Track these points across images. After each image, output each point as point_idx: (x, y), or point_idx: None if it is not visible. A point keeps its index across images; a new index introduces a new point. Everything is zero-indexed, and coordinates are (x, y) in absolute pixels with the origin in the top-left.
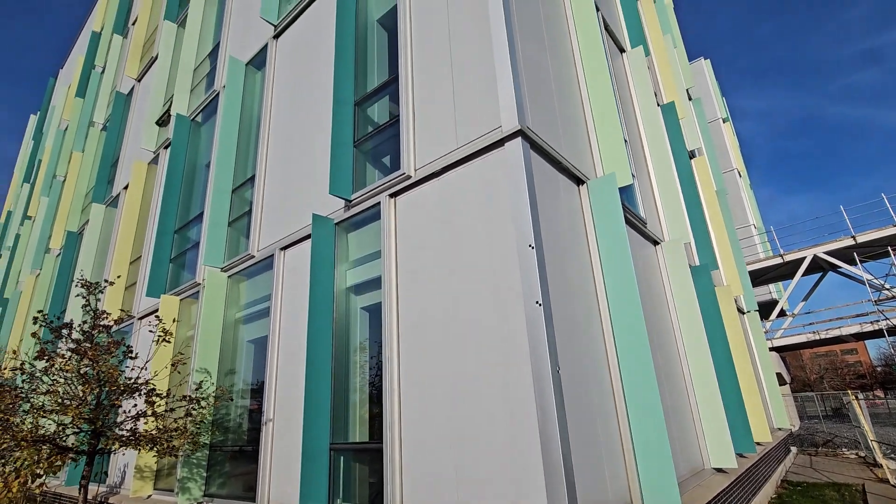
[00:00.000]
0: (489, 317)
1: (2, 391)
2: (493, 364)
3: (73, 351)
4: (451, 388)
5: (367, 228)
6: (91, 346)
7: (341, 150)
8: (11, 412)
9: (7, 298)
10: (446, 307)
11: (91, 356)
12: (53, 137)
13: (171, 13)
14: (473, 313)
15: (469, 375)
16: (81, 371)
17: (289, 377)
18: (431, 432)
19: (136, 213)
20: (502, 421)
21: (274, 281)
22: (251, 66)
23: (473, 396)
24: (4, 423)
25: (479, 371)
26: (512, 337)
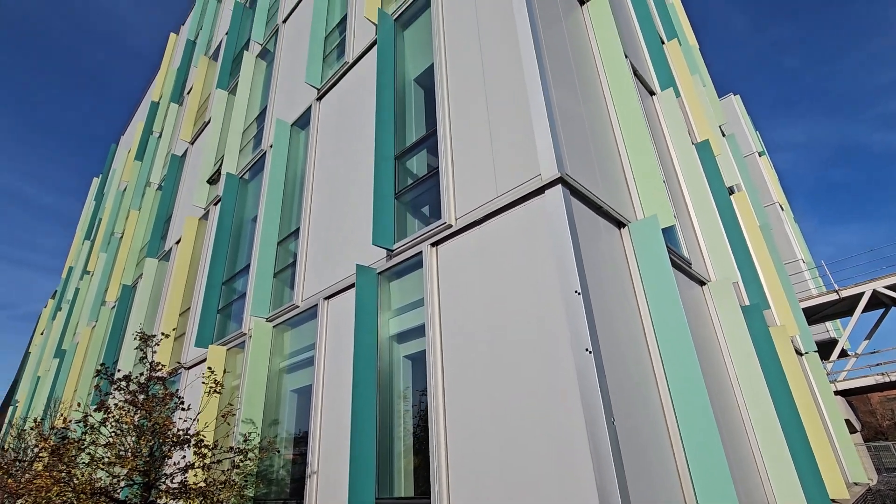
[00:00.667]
0: (537, 365)
1: (67, 444)
2: (543, 415)
3: (130, 403)
4: (500, 440)
5: (410, 277)
6: (146, 397)
7: (383, 202)
8: (73, 465)
9: (65, 350)
10: (491, 356)
11: (146, 408)
12: (113, 197)
13: (223, 82)
14: (520, 362)
15: (518, 427)
16: (137, 423)
17: (333, 428)
18: (481, 487)
19: (186, 266)
20: (556, 475)
21: (318, 330)
22: (296, 127)
23: (523, 449)
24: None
25: (529, 422)
26: (561, 386)
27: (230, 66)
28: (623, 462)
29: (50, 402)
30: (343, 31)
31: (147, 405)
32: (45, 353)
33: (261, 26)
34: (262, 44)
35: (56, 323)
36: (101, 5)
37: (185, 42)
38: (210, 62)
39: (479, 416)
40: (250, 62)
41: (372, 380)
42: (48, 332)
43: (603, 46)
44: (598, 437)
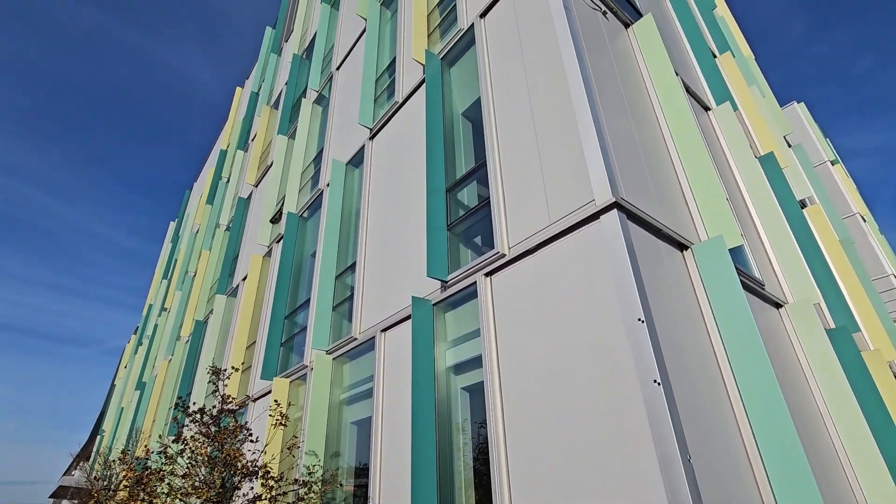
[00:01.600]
0: (600, 398)
1: (149, 475)
2: (611, 450)
3: (204, 435)
4: (565, 476)
5: (465, 307)
6: (218, 429)
7: (436, 235)
8: (155, 495)
9: (145, 382)
10: (551, 387)
11: (219, 440)
12: (187, 239)
13: (283, 128)
14: (582, 394)
15: (584, 464)
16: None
17: (393, 459)
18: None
19: (252, 301)
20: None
21: (376, 362)
22: (350, 166)
23: (591, 488)
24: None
25: (595, 458)
26: (629, 420)
27: (289, 113)
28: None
29: (132, 433)
30: (392, 73)
31: (219, 437)
32: (128, 385)
33: (317, 74)
34: (318, 90)
35: (138, 357)
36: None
37: (250, 94)
38: (272, 110)
39: (540, 449)
40: (307, 108)
41: (431, 412)
42: (131, 366)
43: (652, 66)
44: (673, 475)
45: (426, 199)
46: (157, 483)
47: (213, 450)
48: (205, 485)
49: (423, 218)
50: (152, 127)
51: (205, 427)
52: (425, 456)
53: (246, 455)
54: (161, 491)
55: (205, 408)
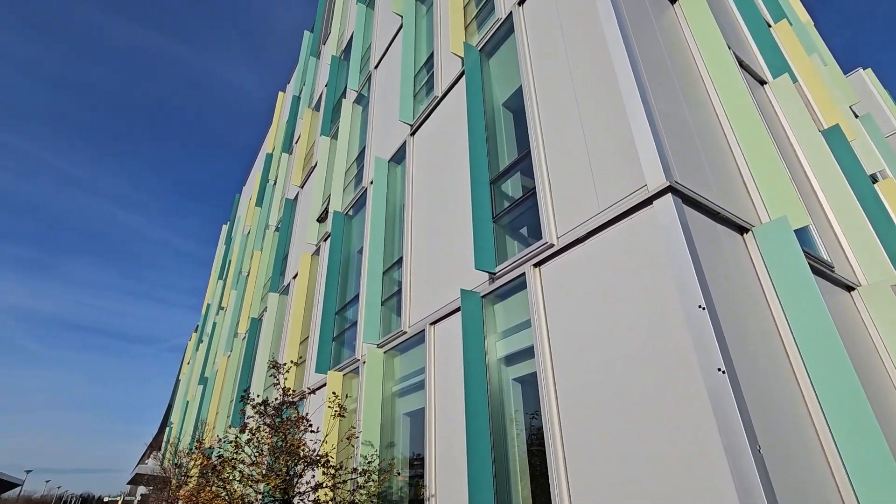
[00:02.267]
0: (660, 387)
1: (223, 462)
2: (673, 441)
3: (268, 425)
4: (626, 468)
5: (514, 299)
6: (280, 420)
7: (482, 227)
8: (228, 482)
9: (207, 377)
10: (607, 377)
11: (282, 430)
12: (239, 241)
13: (325, 129)
14: (641, 383)
15: (644, 455)
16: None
17: (447, 450)
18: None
19: (303, 298)
20: None
21: (426, 355)
22: (392, 163)
23: (653, 481)
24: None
25: (657, 450)
26: (693, 410)
27: (331, 114)
28: (777, 499)
29: (197, 424)
30: (430, 68)
31: (282, 427)
32: (192, 380)
33: (355, 75)
34: (358, 90)
35: (199, 354)
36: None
37: (292, 98)
38: (313, 113)
39: (598, 441)
40: (348, 108)
41: (484, 404)
42: (193, 362)
43: (702, 42)
44: (743, 468)
45: (471, 191)
46: (229, 471)
47: (277, 439)
48: (272, 472)
49: (467, 211)
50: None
51: (269, 418)
52: (480, 446)
53: (308, 444)
54: (232, 478)
55: (268, 400)
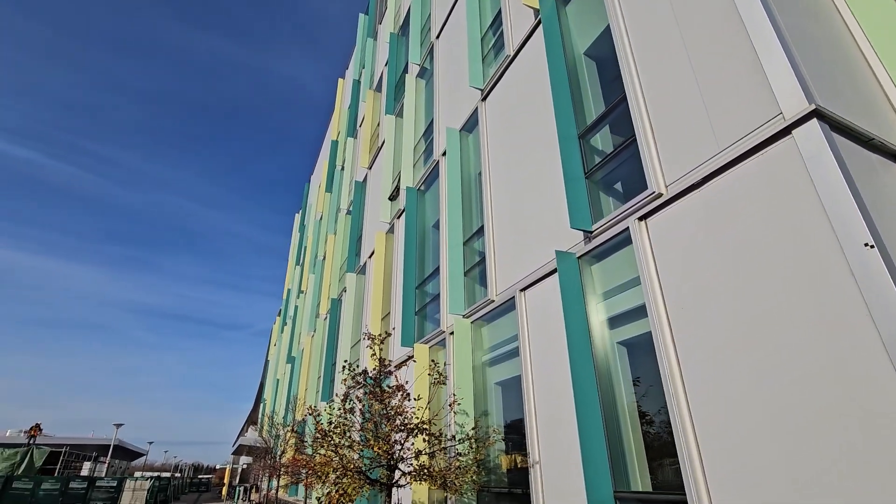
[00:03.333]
0: (817, 343)
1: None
2: (839, 409)
3: (371, 394)
4: (772, 440)
5: (614, 258)
6: (381, 389)
7: (575, 184)
8: (340, 447)
9: (294, 357)
10: (743, 335)
11: (385, 398)
12: (313, 227)
13: (389, 108)
14: (787, 340)
15: (801, 427)
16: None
17: (549, 417)
18: (752, 485)
19: (381, 276)
20: (857, 483)
21: (518, 322)
22: (464, 132)
23: (816, 464)
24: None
25: (818, 421)
26: (867, 369)
27: (393, 92)
28: None
29: (289, 399)
30: (498, 27)
31: (385, 396)
32: (280, 360)
33: (416, 48)
34: (420, 63)
35: (284, 336)
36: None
37: (352, 83)
38: (375, 94)
39: (737, 410)
40: (412, 83)
41: (590, 369)
42: (279, 344)
43: None
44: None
45: (560, 148)
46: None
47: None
48: (379, 438)
49: (552, 171)
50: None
51: (369, 386)
52: (591, 414)
53: (407, 413)
54: (343, 443)
55: (368, 370)
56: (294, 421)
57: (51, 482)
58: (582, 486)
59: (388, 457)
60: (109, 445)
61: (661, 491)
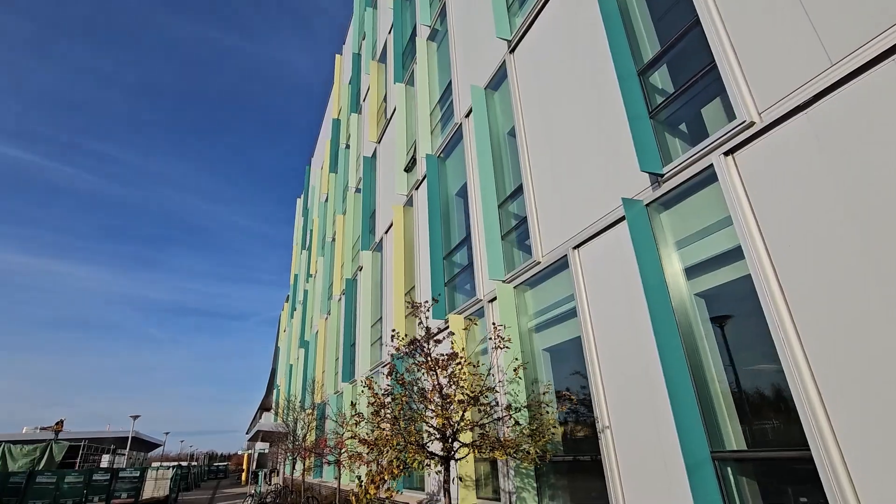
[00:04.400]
0: None
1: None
2: None
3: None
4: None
5: (690, 202)
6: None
7: (639, 124)
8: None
9: (307, 341)
10: (866, 269)
11: (442, 366)
12: (318, 209)
13: (398, 76)
14: None
15: None
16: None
17: (618, 378)
18: (890, 434)
19: (402, 249)
20: None
21: (574, 281)
22: (488, 90)
23: None
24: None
25: None
26: None
27: (401, 60)
28: None
29: (305, 382)
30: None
31: (442, 364)
32: (292, 346)
33: (426, 9)
34: (431, 25)
35: (295, 321)
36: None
37: (352, 57)
38: (379, 65)
39: (862, 348)
40: (423, 47)
41: (673, 324)
42: (290, 330)
43: None
44: None
45: (620, 87)
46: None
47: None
48: (440, 407)
49: (603, 117)
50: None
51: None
52: (679, 371)
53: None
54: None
55: (416, 339)
56: (313, 404)
57: (74, 475)
58: (664, 448)
59: (450, 427)
60: (126, 438)
61: (761, 448)
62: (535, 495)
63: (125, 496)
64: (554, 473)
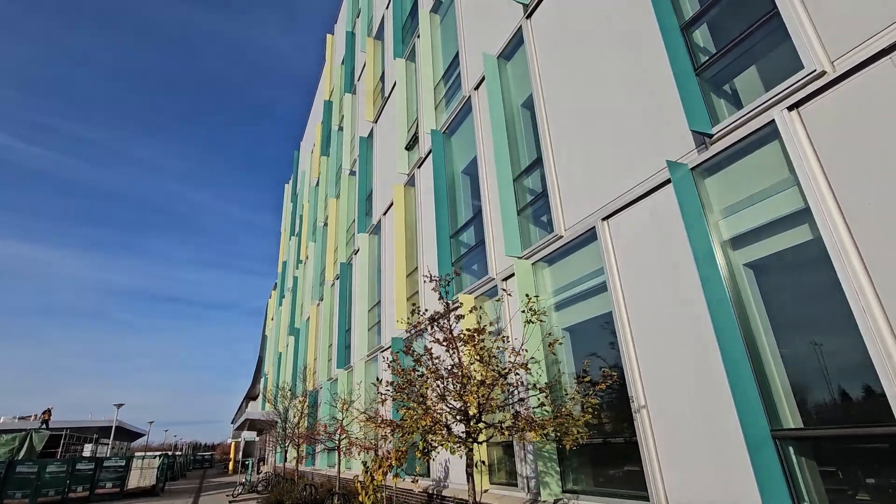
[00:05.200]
0: None
1: (419, 377)
2: None
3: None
4: None
5: (736, 167)
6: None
7: (686, 81)
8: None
9: (298, 328)
10: None
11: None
12: (308, 194)
13: (398, 52)
14: None
15: None
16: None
17: (654, 357)
18: None
19: (402, 230)
20: None
21: (603, 254)
22: (501, 59)
23: None
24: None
25: None
26: None
27: (401, 34)
28: None
29: (296, 370)
30: None
31: (473, 340)
32: (280, 333)
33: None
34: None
35: (284, 309)
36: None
37: (346, 35)
38: (375, 42)
39: None
40: (426, 20)
41: (725, 296)
42: (278, 317)
43: None
44: None
45: (664, 42)
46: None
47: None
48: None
49: (638, 80)
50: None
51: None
52: (734, 347)
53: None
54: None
55: (437, 314)
56: (305, 391)
57: (56, 465)
58: (711, 428)
59: (476, 407)
60: (109, 427)
61: (823, 427)
62: (558, 480)
63: (110, 486)
64: (578, 456)
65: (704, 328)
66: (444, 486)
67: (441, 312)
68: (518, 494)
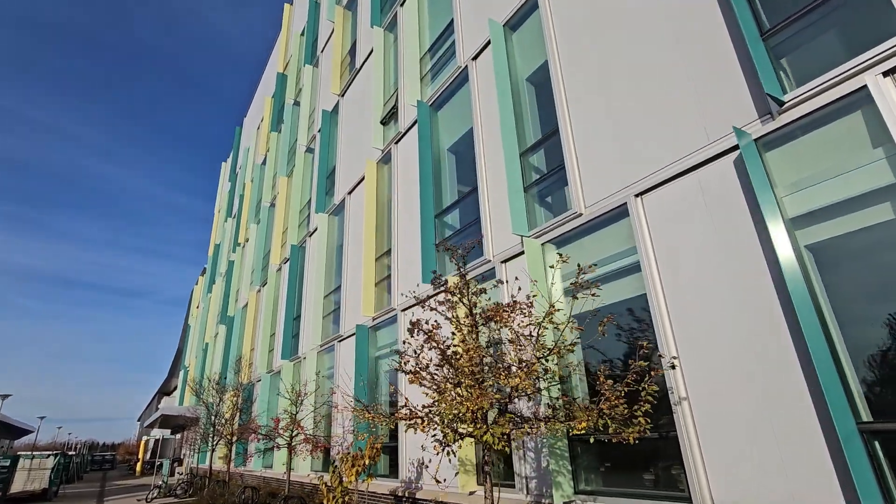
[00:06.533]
0: None
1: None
2: None
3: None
4: None
5: (806, 139)
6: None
7: (755, 47)
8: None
9: (231, 316)
10: None
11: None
12: (252, 172)
13: (376, 20)
14: None
15: None
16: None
17: (697, 344)
18: None
19: (373, 210)
20: None
21: (637, 233)
22: (507, 28)
23: None
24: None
25: None
26: None
27: (380, 4)
28: None
29: (226, 361)
30: None
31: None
32: (208, 323)
33: None
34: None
35: (214, 295)
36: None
37: (308, 4)
38: (345, 12)
39: None
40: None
41: (801, 280)
42: (206, 305)
43: None
44: None
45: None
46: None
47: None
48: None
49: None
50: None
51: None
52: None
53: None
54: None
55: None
56: (239, 384)
57: None
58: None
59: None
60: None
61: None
62: (569, 480)
63: None
64: (597, 453)
65: (774, 316)
66: (416, 488)
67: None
68: (517, 496)
